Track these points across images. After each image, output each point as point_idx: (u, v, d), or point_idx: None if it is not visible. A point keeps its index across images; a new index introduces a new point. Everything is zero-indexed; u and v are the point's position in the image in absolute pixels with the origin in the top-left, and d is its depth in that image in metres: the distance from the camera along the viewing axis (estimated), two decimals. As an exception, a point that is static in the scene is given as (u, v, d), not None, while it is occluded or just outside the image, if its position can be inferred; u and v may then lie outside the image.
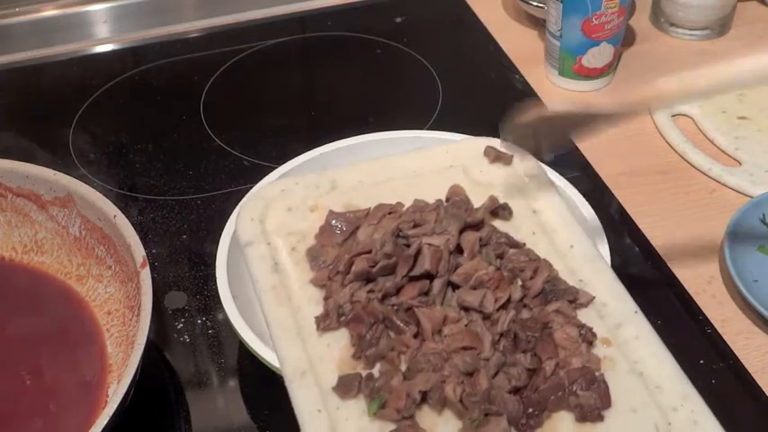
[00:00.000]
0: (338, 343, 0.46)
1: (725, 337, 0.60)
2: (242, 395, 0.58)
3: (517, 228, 0.52)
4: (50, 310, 0.61)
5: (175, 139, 0.81)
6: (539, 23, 0.91)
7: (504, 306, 0.47)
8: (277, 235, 0.51)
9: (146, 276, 0.53)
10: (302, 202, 0.52)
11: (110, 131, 0.82)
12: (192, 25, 0.97)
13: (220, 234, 0.59)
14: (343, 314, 0.47)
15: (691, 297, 0.63)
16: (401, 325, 0.46)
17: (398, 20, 0.97)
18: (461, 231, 0.50)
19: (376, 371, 0.45)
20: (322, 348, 0.46)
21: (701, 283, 0.64)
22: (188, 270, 0.67)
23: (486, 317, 0.46)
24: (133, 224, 0.57)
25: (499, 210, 0.53)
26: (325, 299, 0.48)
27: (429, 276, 0.48)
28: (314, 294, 0.49)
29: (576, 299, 0.48)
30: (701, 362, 0.59)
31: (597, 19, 0.78)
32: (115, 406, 0.46)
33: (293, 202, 0.53)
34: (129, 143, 0.81)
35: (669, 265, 0.65)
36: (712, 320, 0.61)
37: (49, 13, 0.96)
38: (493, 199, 0.53)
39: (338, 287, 0.48)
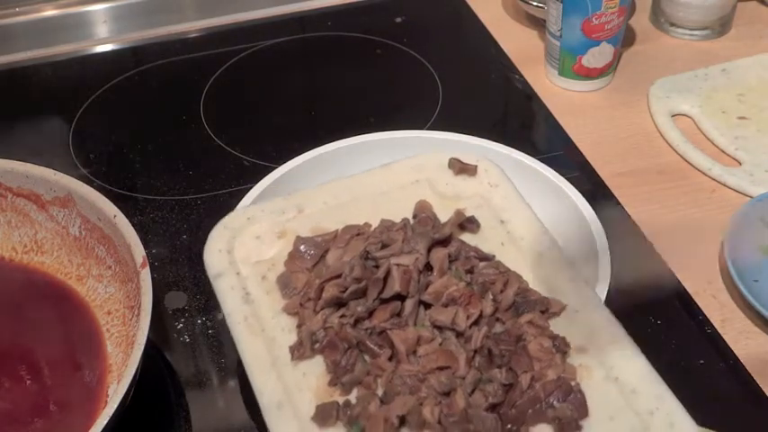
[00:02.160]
0: (313, 371, 0.46)
1: (725, 337, 0.60)
2: (242, 395, 0.58)
3: (486, 239, 0.52)
4: (50, 310, 0.61)
5: (175, 139, 0.81)
6: (539, 23, 0.91)
7: (476, 322, 0.47)
8: (246, 264, 0.51)
9: (146, 276, 0.53)
10: (269, 229, 0.52)
11: (110, 131, 0.82)
12: (192, 25, 0.97)
13: (220, 234, 0.59)
14: (317, 341, 0.47)
15: (691, 297, 0.63)
16: (375, 349, 0.46)
17: (398, 20, 0.97)
18: (430, 249, 0.50)
19: (353, 397, 0.45)
20: (298, 377, 0.46)
21: (701, 283, 0.64)
22: (188, 270, 0.67)
23: (459, 334, 0.46)
24: (133, 224, 0.57)
25: (466, 223, 0.53)
26: (298, 326, 0.48)
27: (400, 297, 0.48)
28: (287, 323, 0.48)
29: (547, 309, 0.48)
30: (701, 362, 0.59)
31: (597, 19, 0.78)
32: (115, 406, 0.46)
33: (260, 230, 0.52)
34: (129, 143, 0.81)
35: (669, 265, 0.65)
36: (712, 320, 0.61)
37: (49, 13, 0.96)
38: (459, 213, 0.53)
39: (310, 314, 0.48)
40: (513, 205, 0.55)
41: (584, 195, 0.62)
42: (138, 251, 0.55)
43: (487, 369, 0.45)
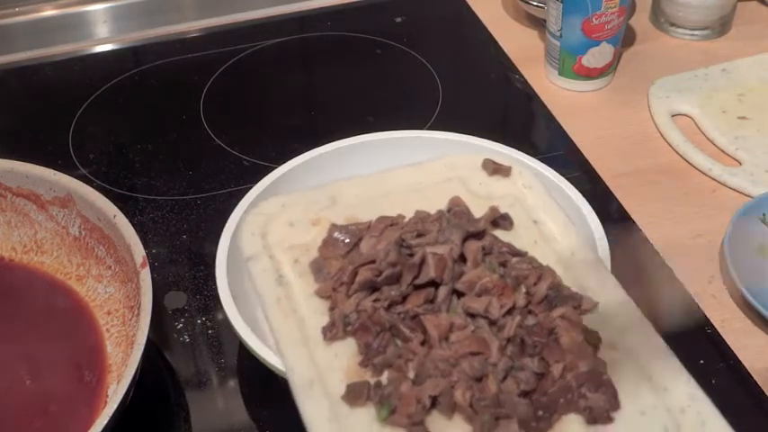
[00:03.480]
0: (345, 352, 0.46)
1: (725, 337, 0.60)
2: (242, 395, 0.58)
3: (519, 237, 0.52)
4: (50, 310, 0.61)
5: (175, 139, 0.81)
6: (539, 23, 0.91)
7: (509, 312, 0.47)
8: (279, 248, 0.51)
9: (146, 276, 0.53)
10: (303, 216, 0.52)
11: (110, 131, 0.82)
12: (192, 25, 0.97)
13: (220, 234, 0.59)
14: (350, 324, 0.47)
15: (691, 297, 0.63)
16: (408, 332, 0.46)
17: (398, 20, 0.97)
18: (464, 241, 0.50)
19: (384, 378, 0.45)
20: (329, 358, 0.46)
21: (701, 283, 0.64)
22: (188, 270, 0.67)
23: (491, 323, 0.46)
24: (133, 224, 0.57)
25: (500, 220, 0.53)
26: (331, 309, 0.48)
27: (434, 284, 0.48)
28: (319, 306, 0.48)
29: (579, 305, 0.48)
30: (701, 362, 0.59)
31: (597, 19, 0.78)
32: (115, 406, 0.46)
33: (294, 216, 0.52)
34: (129, 143, 0.81)
35: (669, 265, 0.65)
36: (712, 320, 0.61)
37: (49, 13, 0.96)
38: (494, 209, 0.53)
39: (343, 297, 0.48)
40: (547, 207, 0.55)
41: (584, 195, 0.62)
42: (138, 251, 0.55)
43: (519, 358, 0.45)
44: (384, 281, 0.47)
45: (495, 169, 0.57)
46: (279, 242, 0.51)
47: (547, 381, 0.44)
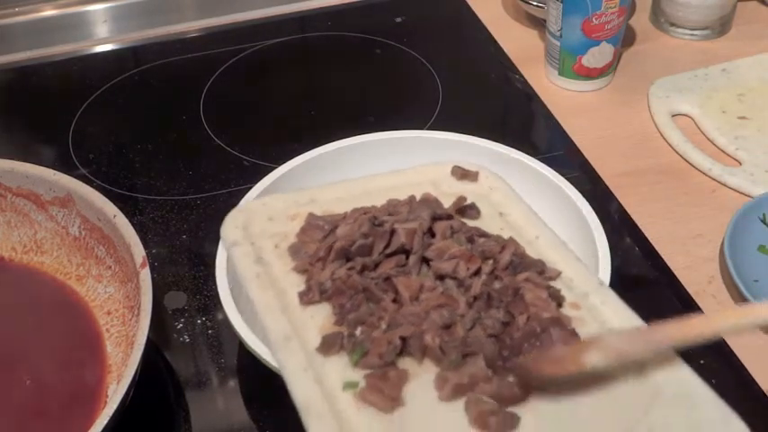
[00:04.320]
0: (321, 314, 0.48)
1: (725, 337, 0.60)
2: (242, 395, 0.58)
3: (485, 226, 0.55)
4: (50, 310, 0.61)
5: (175, 139, 0.81)
6: (539, 23, 0.91)
7: (476, 274, 0.49)
8: (260, 237, 0.53)
9: (145, 276, 0.53)
10: (283, 212, 0.55)
11: (110, 131, 0.82)
12: (192, 25, 0.97)
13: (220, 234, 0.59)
14: (325, 290, 0.49)
15: (691, 297, 0.63)
16: (380, 293, 0.48)
17: (398, 20, 0.97)
18: (432, 221, 0.52)
19: (358, 332, 0.47)
20: (305, 319, 0.48)
21: (701, 283, 0.64)
22: (188, 270, 0.67)
23: (459, 284, 0.48)
24: (133, 224, 0.57)
25: (467, 209, 0.55)
26: (307, 281, 0.50)
27: (404, 252, 0.50)
28: (296, 280, 0.50)
29: (543, 271, 0.50)
30: (701, 362, 0.58)
31: (597, 19, 0.78)
32: (115, 406, 0.46)
33: (274, 212, 0.55)
34: (129, 143, 0.81)
35: (669, 265, 0.65)
36: (712, 320, 0.61)
37: (49, 13, 0.96)
38: (461, 198, 0.55)
39: (319, 270, 0.50)
40: (512, 202, 0.57)
41: (584, 195, 0.62)
42: (138, 251, 0.55)
43: (486, 311, 0.47)
44: (357, 250, 0.50)
45: (463, 174, 0.59)
46: (260, 232, 0.53)
47: (512, 327, 0.46)
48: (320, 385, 0.44)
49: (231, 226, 0.53)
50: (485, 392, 0.43)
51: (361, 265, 0.49)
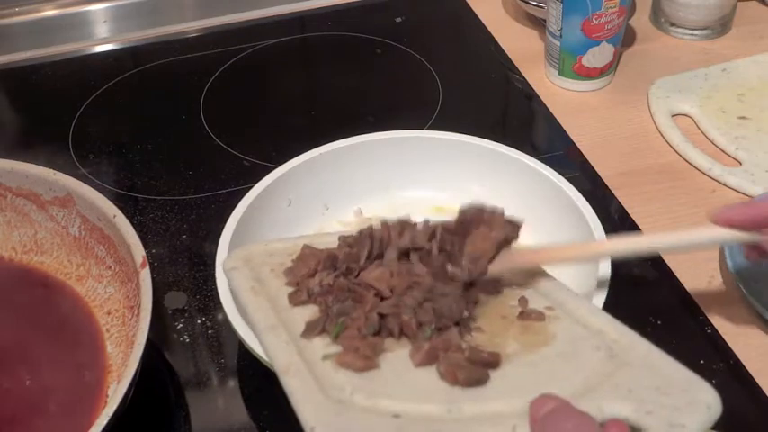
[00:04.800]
0: (308, 311, 0.50)
1: (725, 337, 0.60)
2: (242, 395, 0.58)
3: None
4: (50, 309, 0.61)
5: (175, 139, 0.81)
6: (539, 23, 0.91)
7: (431, 238, 0.53)
8: (259, 265, 0.55)
9: (145, 276, 0.53)
10: (283, 251, 0.57)
11: (110, 131, 0.82)
12: (192, 25, 0.97)
13: (220, 234, 0.59)
14: (313, 293, 0.51)
15: (691, 297, 0.63)
16: (363, 291, 0.50)
17: (398, 20, 0.97)
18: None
19: (340, 320, 0.49)
20: (293, 315, 0.50)
21: (701, 283, 0.64)
22: (188, 270, 0.67)
23: (421, 256, 0.52)
24: (133, 224, 0.57)
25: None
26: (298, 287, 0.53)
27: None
28: (288, 291, 0.52)
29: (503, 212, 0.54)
30: (701, 362, 0.59)
31: (597, 19, 0.78)
32: (115, 406, 0.46)
33: (275, 250, 0.57)
34: (129, 143, 0.81)
35: (669, 265, 0.65)
36: (712, 320, 0.61)
37: (49, 13, 0.96)
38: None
39: (309, 280, 0.52)
40: None
41: (584, 195, 0.62)
42: (138, 251, 0.55)
43: (446, 268, 0.51)
44: (344, 259, 0.52)
45: None
46: (259, 262, 0.55)
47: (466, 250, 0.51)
48: (301, 356, 0.47)
49: (232, 257, 0.56)
50: (457, 359, 0.45)
51: (345, 267, 0.51)
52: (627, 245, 0.52)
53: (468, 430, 0.42)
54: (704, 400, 0.41)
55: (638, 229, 0.68)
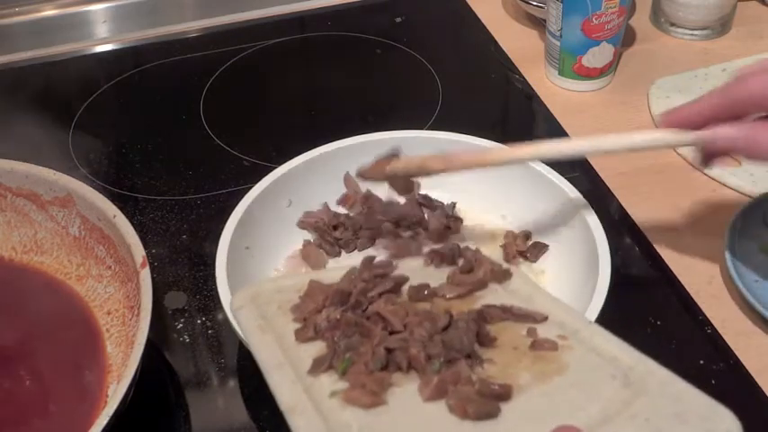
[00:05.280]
0: (314, 348, 0.49)
1: (725, 337, 0.60)
2: (242, 395, 0.58)
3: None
4: (50, 310, 0.61)
5: (175, 139, 0.81)
6: (539, 23, 0.91)
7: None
8: (266, 303, 0.54)
9: (145, 276, 0.53)
10: (291, 287, 0.56)
11: (110, 131, 0.82)
12: (192, 25, 0.97)
13: (220, 234, 0.59)
14: (320, 329, 0.50)
15: (691, 297, 0.63)
16: (371, 325, 0.49)
17: (398, 20, 0.97)
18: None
19: (347, 355, 0.48)
20: (300, 352, 0.49)
21: (701, 283, 0.64)
22: (188, 270, 0.67)
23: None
24: (133, 224, 0.57)
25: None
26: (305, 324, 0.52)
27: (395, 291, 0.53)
28: (295, 328, 0.51)
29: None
30: (701, 362, 0.59)
31: (597, 19, 0.78)
32: (115, 406, 0.46)
33: (283, 287, 0.56)
34: (129, 143, 0.81)
35: (669, 265, 0.65)
36: (712, 320, 0.61)
37: (49, 13, 0.96)
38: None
39: (316, 315, 0.51)
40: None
41: (584, 195, 0.62)
42: (138, 251, 0.55)
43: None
44: (357, 293, 0.52)
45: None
46: (266, 300, 0.54)
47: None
48: (308, 394, 0.45)
49: (239, 297, 0.55)
50: (467, 392, 0.44)
51: (354, 301, 0.51)
52: (553, 147, 0.52)
53: None
54: (724, 428, 0.40)
55: (638, 229, 0.68)
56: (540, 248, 0.63)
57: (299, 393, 0.45)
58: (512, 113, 0.87)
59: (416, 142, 0.67)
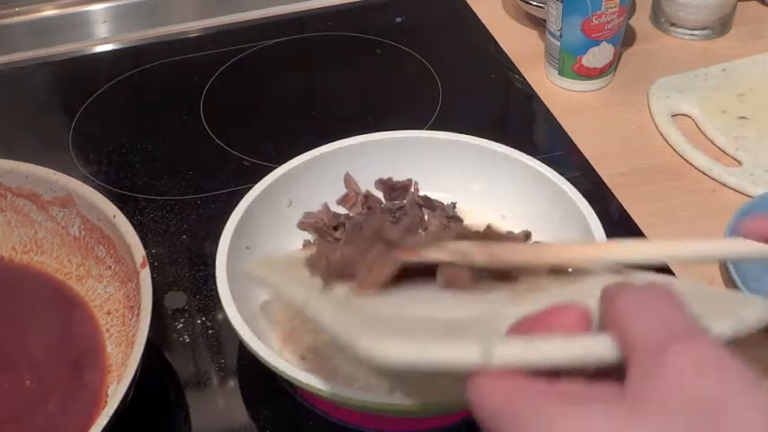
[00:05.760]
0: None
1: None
2: (242, 395, 0.58)
3: None
4: (50, 310, 0.61)
5: (175, 139, 0.81)
6: (539, 23, 0.91)
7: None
8: (281, 269, 0.54)
9: (145, 276, 0.53)
10: (304, 258, 0.54)
11: (110, 131, 0.82)
12: (192, 25, 0.97)
13: (220, 234, 0.59)
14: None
15: (691, 297, 0.63)
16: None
17: (398, 20, 0.97)
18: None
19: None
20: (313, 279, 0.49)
21: (701, 283, 0.64)
22: (188, 270, 0.67)
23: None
24: (133, 224, 0.57)
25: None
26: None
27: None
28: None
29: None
30: (701, 362, 0.58)
31: (597, 19, 0.78)
32: (115, 406, 0.46)
33: (295, 257, 0.55)
34: (129, 143, 0.81)
35: (669, 265, 0.65)
36: (712, 320, 0.61)
37: (49, 13, 0.96)
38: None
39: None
40: None
41: (584, 195, 0.62)
42: (138, 251, 0.55)
43: None
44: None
45: None
46: (281, 268, 0.53)
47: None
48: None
49: (254, 265, 0.54)
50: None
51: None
52: (624, 249, 0.48)
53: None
54: (755, 300, 0.39)
55: (638, 229, 0.68)
56: (540, 248, 0.63)
57: (311, 291, 0.46)
58: (512, 113, 0.87)
59: (416, 142, 0.67)
